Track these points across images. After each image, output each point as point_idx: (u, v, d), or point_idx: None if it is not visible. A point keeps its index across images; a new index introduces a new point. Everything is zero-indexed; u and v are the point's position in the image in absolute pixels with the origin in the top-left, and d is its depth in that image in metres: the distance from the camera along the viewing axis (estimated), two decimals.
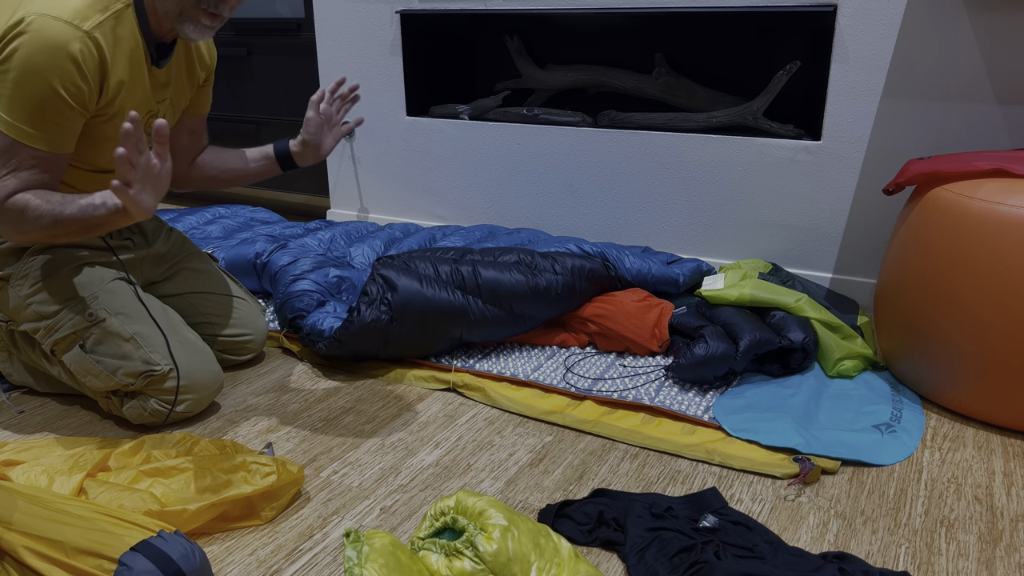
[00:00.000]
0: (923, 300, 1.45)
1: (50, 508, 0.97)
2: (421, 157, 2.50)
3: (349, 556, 0.97)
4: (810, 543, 1.14)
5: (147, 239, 1.63)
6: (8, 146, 1.25)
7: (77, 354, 1.41)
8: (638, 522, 1.12)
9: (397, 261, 1.71)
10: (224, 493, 1.15)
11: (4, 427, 1.47)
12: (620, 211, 2.25)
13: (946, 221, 1.41)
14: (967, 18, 1.75)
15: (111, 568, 0.92)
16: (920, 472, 1.31)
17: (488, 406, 1.54)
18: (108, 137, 1.39)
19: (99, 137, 1.38)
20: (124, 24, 1.32)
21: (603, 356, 1.71)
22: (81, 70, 1.25)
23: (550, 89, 2.44)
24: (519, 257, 1.76)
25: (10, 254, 1.43)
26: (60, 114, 1.26)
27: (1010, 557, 1.11)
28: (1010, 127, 1.77)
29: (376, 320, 1.59)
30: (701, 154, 2.10)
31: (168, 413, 1.43)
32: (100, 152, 1.40)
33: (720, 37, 2.27)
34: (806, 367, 1.61)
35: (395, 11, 2.38)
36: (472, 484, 1.29)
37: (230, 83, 2.92)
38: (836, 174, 1.97)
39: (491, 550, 0.97)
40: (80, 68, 1.25)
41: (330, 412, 1.52)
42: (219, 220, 2.40)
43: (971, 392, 1.42)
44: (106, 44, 1.28)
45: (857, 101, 1.90)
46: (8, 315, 1.46)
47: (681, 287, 1.86)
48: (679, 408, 1.47)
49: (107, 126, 1.37)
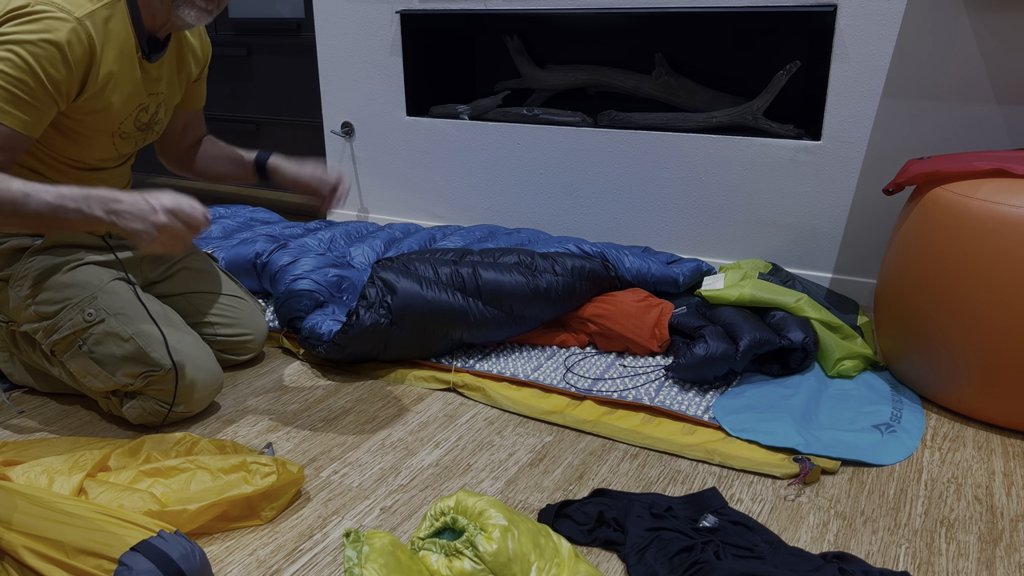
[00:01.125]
0: (923, 300, 1.45)
1: (50, 508, 0.97)
2: (421, 157, 2.50)
3: (349, 556, 0.97)
4: (810, 543, 1.14)
5: None
6: None
7: (77, 354, 1.41)
8: (638, 522, 1.12)
9: (396, 263, 1.70)
10: (224, 493, 1.15)
11: (4, 427, 1.47)
12: (620, 211, 2.25)
13: (946, 221, 1.41)
14: (967, 18, 1.75)
15: (111, 568, 0.92)
16: (920, 472, 1.31)
17: (488, 406, 1.54)
18: (97, 131, 1.38)
19: (86, 132, 1.37)
20: (116, 17, 1.32)
21: (603, 356, 1.71)
22: (65, 57, 1.24)
23: (550, 89, 2.44)
24: (519, 258, 1.76)
25: (10, 254, 1.43)
26: (34, 95, 1.23)
27: (1010, 557, 1.11)
28: (1010, 127, 1.77)
29: (375, 324, 1.59)
30: (701, 154, 2.10)
31: (168, 413, 1.43)
32: (87, 147, 1.40)
33: (720, 37, 2.27)
34: (806, 367, 1.61)
35: (395, 11, 2.38)
36: (472, 484, 1.29)
37: (230, 83, 2.92)
38: (836, 174, 1.97)
39: (491, 550, 0.97)
40: (64, 54, 1.24)
41: (330, 412, 1.52)
42: (219, 220, 2.40)
43: (971, 392, 1.42)
44: (96, 33, 1.28)
45: (857, 101, 1.90)
46: (8, 316, 1.46)
47: (681, 287, 1.86)
48: (679, 408, 1.47)
49: (93, 119, 1.36)
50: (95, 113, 1.35)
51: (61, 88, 1.26)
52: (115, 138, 1.43)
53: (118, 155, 1.47)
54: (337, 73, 2.56)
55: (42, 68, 1.22)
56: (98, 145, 1.41)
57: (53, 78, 1.24)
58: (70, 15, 1.24)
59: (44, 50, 1.22)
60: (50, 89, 1.25)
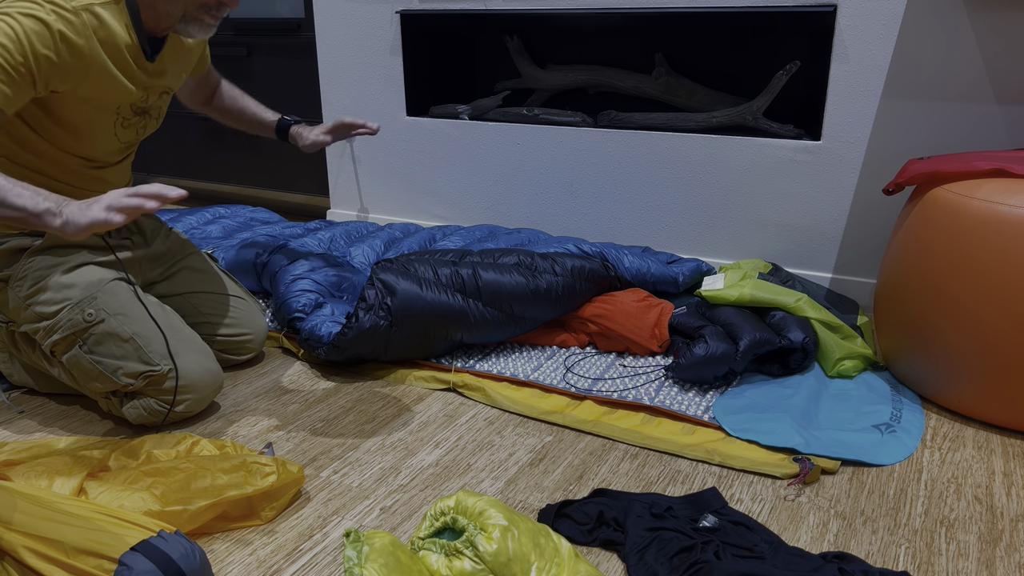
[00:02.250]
0: (923, 300, 1.45)
1: (50, 508, 0.97)
2: (421, 157, 2.50)
3: (349, 556, 0.97)
4: (810, 543, 1.14)
5: (146, 239, 1.63)
6: None
7: (77, 354, 1.41)
8: (638, 522, 1.12)
9: (396, 264, 1.70)
10: (224, 493, 1.15)
11: (4, 427, 1.47)
12: (620, 211, 2.25)
13: (946, 221, 1.41)
14: (967, 18, 1.75)
15: (111, 568, 0.92)
16: (920, 472, 1.31)
17: (488, 406, 1.54)
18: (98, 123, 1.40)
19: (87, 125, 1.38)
20: (115, 16, 1.33)
21: (603, 356, 1.71)
22: (55, 40, 1.24)
23: (550, 89, 2.44)
24: (519, 259, 1.76)
25: (10, 254, 1.43)
26: (15, 69, 1.22)
27: (1010, 557, 1.11)
28: (1010, 127, 1.77)
29: (375, 326, 1.59)
30: (701, 154, 2.10)
31: (167, 413, 1.43)
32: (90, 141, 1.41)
33: (720, 37, 2.27)
34: (806, 367, 1.61)
35: (395, 11, 2.38)
36: (472, 484, 1.29)
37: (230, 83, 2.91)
38: (836, 174, 1.97)
39: (491, 550, 0.97)
40: (54, 37, 1.24)
41: (330, 412, 1.52)
42: (219, 220, 2.40)
43: (971, 392, 1.42)
44: (88, 25, 1.29)
45: (857, 101, 1.90)
46: (8, 316, 1.46)
47: (680, 286, 1.86)
48: (679, 408, 1.47)
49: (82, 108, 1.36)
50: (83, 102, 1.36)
51: (42, 68, 1.25)
52: (116, 128, 1.45)
53: (120, 146, 1.49)
54: (337, 73, 2.56)
55: (30, 43, 1.23)
56: (101, 137, 1.43)
57: (39, 55, 1.24)
58: (67, 3, 1.26)
59: (36, 27, 1.23)
60: (32, 67, 1.24)
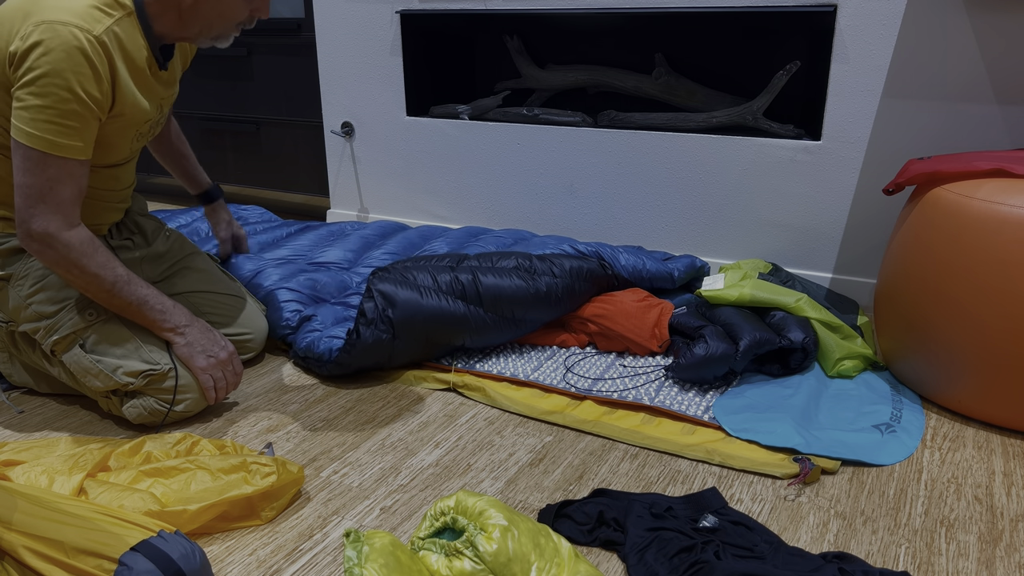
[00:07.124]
0: (923, 300, 1.45)
1: (50, 508, 0.97)
2: (421, 157, 2.50)
3: (349, 556, 0.97)
4: (810, 543, 1.14)
5: (147, 239, 1.63)
6: (40, 159, 1.26)
7: (77, 354, 1.41)
8: (638, 522, 1.12)
9: (393, 273, 1.67)
10: (224, 493, 1.15)
11: (4, 427, 1.47)
12: (620, 211, 2.25)
13: (946, 221, 1.41)
14: (967, 18, 1.75)
15: (111, 568, 0.92)
16: (920, 472, 1.31)
17: (488, 406, 1.54)
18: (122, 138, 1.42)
19: (114, 140, 1.40)
20: (129, 30, 1.34)
21: (603, 356, 1.71)
22: (97, 73, 1.27)
23: (550, 89, 2.44)
24: (517, 262, 1.75)
25: (10, 254, 1.43)
26: (80, 118, 1.27)
27: (1010, 557, 1.11)
28: (1010, 127, 1.77)
29: (377, 340, 1.57)
30: (701, 154, 2.10)
31: (167, 413, 1.43)
32: (113, 152, 1.44)
33: (720, 37, 2.27)
34: (806, 367, 1.61)
35: (395, 11, 2.38)
36: (472, 484, 1.29)
37: (230, 83, 2.91)
38: (836, 174, 1.97)
39: (491, 550, 0.97)
40: (96, 71, 1.26)
41: (330, 412, 1.52)
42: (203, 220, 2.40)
43: (971, 392, 1.42)
44: (113, 47, 1.30)
45: (857, 101, 1.90)
46: (8, 315, 1.46)
47: (676, 282, 1.86)
48: (679, 408, 1.47)
49: (120, 129, 1.40)
50: (120, 119, 1.38)
51: (100, 102, 1.29)
52: (133, 141, 1.47)
53: (131, 153, 1.51)
54: (337, 73, 2.56)
55: (82, 88, 1.25)
56: (122, 149, 1.45)
57: (92, 95, 1.27)
58: (90, 32, 1.26)
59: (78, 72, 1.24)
60: (92, 107, 1.28)
